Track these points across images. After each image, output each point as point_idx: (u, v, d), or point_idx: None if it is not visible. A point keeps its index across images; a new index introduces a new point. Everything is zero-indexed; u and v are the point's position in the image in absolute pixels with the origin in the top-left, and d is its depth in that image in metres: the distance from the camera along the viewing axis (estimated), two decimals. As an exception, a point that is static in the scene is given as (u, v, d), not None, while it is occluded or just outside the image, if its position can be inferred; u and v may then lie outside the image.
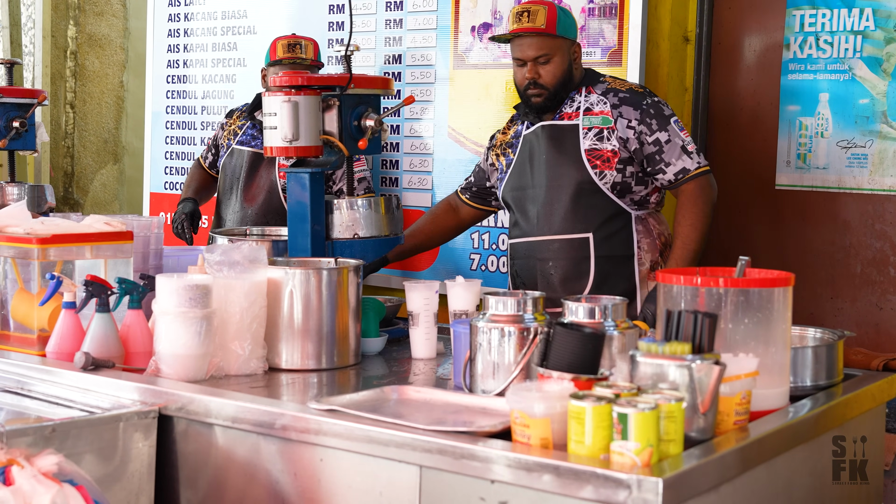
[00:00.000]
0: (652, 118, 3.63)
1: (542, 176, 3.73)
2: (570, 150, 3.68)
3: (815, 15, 4.15)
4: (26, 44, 6.64)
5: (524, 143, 3.81)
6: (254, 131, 4.68)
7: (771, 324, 2.47)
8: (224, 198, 4.73)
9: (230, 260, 2.93)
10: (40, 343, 3.03)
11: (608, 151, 3.64)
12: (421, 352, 3.18)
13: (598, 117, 3.67)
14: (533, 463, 2.12)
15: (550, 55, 3.68)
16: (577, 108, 3.72)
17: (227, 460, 2.61)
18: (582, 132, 3.67)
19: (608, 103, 3.68)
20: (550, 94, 3.71)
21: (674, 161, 3.60)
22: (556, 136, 3.72)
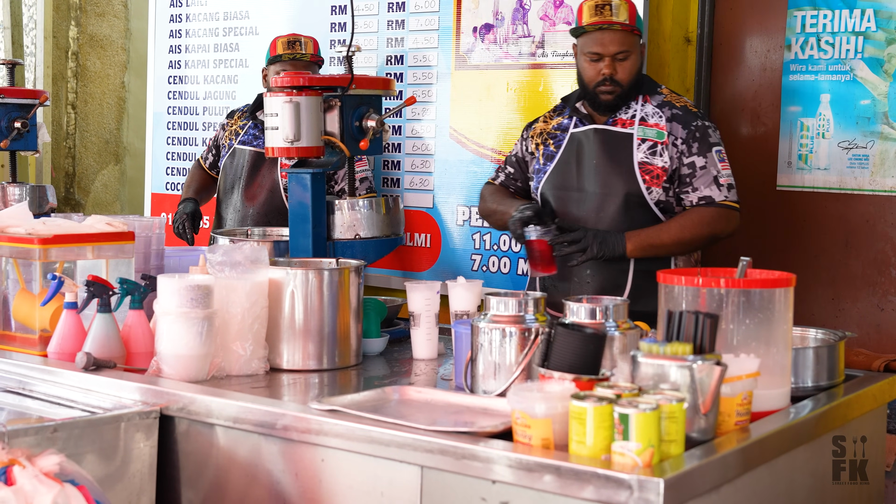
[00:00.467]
0: (695, 141, 3.57)
1: (591, 181, 3.63)
2: (623, 160, 3.60)
3: (816, 16, 4.15)
4: (28, 44, 6.64)
5: (571, 141, 3.70)
6: (255, 131, 4.67)
7: (772, 324, 2.47)
8: (225, 197, 4.73)
9: (232, 260, 2.93)
10: (42, 343, 3.03)
11: (659, 168, 3.57)
12: (422, 352, 3.18)
13: (653, 130, 3.60)
14: (534, 463, 2.12)
15: (630, 52, 3.59)
16: (632, 117, 3.64)
17: (228, 461, 2.61)
18: (636, 143, 3.60)
19: (663, 116, 3.61)
20: (623, 93, 3.61)
21: (701, 188, 3.56)
22: (610, 142, 3.64)
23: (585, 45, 3.63)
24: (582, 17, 3.62)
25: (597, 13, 3.58)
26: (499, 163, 4.58)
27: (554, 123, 3.78)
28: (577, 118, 3.72)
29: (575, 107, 3.73)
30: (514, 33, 4.57)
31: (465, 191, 4.71)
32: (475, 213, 4.68)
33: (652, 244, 3.52)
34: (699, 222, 3.54)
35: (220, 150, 4.83)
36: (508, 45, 4.58)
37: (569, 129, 3.73)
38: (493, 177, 3.97)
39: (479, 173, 4.66)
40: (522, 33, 4.54)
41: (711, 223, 3.56)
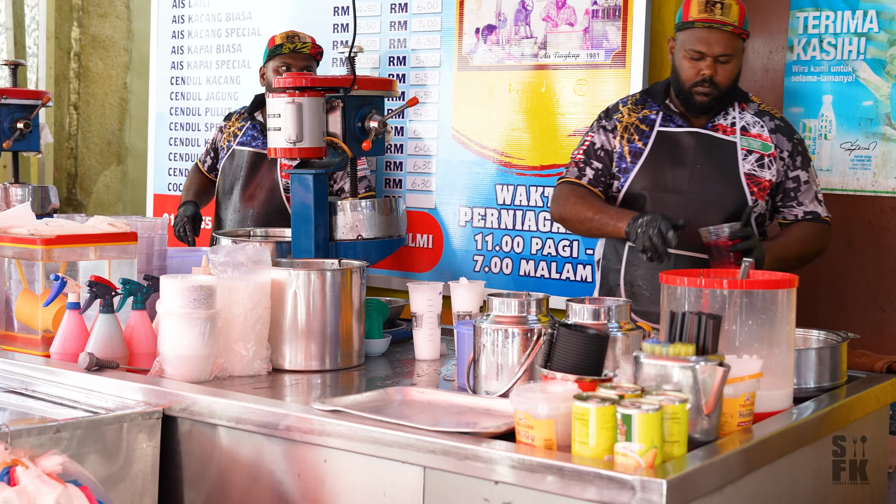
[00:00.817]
0: (799, 154, 3.50)
1: (692, 186, 3.46)
2: (730, 169, 3.46)
3: (818, 17, 4.15)
4: (30, 45, 6.64)
5: (661, 140, 3.51)
6: (254, 132, 4.67)
7: (775, 325, 2.47)
8: (224, 198, 4.72)
9: (234, 261, 2.93)
10: (44, 344, 3.04)
11: (766, 181, 3.46)
12: (424, 353, 3.18)
13: (758, 141, 3.47)
14: (536, 464, 2.12)
15: (734, 55, 3.42)
16: (732, 124, 3.49)
17: (230, 461, 2.61)
18: (740, 153, 3.47)
19: (765, 127, 3.50)
20: (719, 96, 3.44)
21: (807, 203, 3.50)
22: (714, 149, 3.48)
23: (687, 42, 3.43)
24: (689, 11, 3.41)
25: (706, 10, 3.38)
26: (507, 165, 4.58)
27: (639, 116, 3.57)
28: (668, 115, 3.54)
29: (665, 103, 3.56)
30: (516, 34, 4.57)
31: (468, 192, 4.71)
32: (477, 214, 4.68)
33: (780, 258, 3.36)
34: (814, 239, 3.50)
35: (219, 153, 4.83)
36: (511, 47, 4.59)
37: (655, 125, 3.54)
38: (575, 175, 3.62)
39: (482, 174, 4.67)
40: (525, 34, 4.55)
41: (821, 240, 3.53)
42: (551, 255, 4.49)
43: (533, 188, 4.54)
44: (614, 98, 4.28)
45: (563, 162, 4.48)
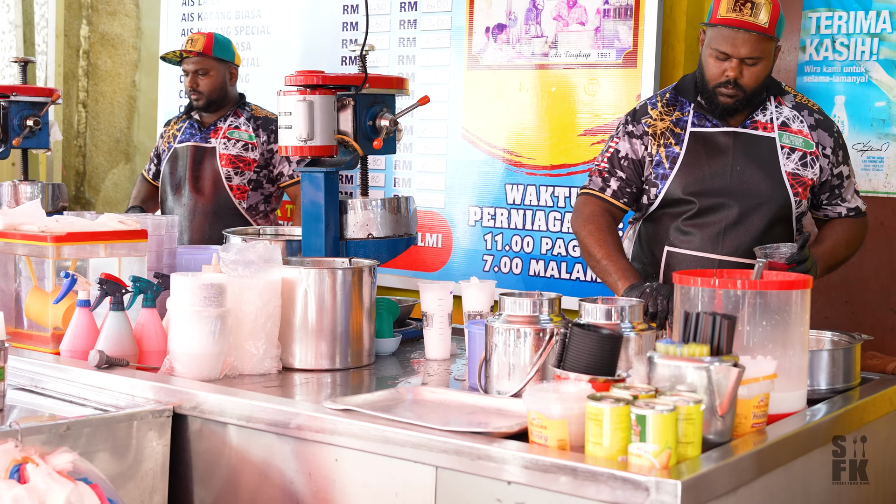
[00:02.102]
0: (840, 149, 3.38)
1: (734, 188, 3.31)
2: (771, 169, 3.32)
3: (831, 17, 4.14)
4: (39, 43, 6.64)
5: (695, 140, 3.35)
6: (192, 129, 4.85)
7: (789, 326, 2.45)
8: (172, 195, 4.86)
9: (245, 259, 2.92)
10: (54, 341, 3.03)
11: (808, 179, 3.33)
12: (435, 352, 3.17)
13: (799, 138, 3.33)
14: (550, 464, 2.11)
15: (762, 57, 3.23)
16: (770, 119, 3.34)
17: (240, 460, 2.60)
18: (781, 150, 3.32)
19: (804, 122, 3.35)
20: (745, 98, 3.28)
21: (849, 198, 3.42)
22: (752, 147, 3.33)
23: (714, 40, 3.26)
24: (718, 8, 3.23)
25: (735, 9, 3.19)
26: (516, 164, 4.57)
27: (672, 118, 3.39)
28: (700, 113, 3.37)
29: (698, 101, 3.38)
30: (526, 33, 4.56)
31: (477, 191, 4.70)
32: (487, 214, 4.67)
33: (829, 265, 3.34)
34: (857, 237, 3.43)
35: (161, 157, 4.98)
36: (521, 46, 4.57)
37: (687, 125, 3.38)
38: (598, 187, 3.43)
39: (491, 173, 4.66)
40: (535, 33, 4.53)
41: (862, 236, 3.45)
42: (561, 255, 4.48)
43: (543, 188, 4.53)
44: (625, 98, 4.28)
45: (573, 161, 4.47)
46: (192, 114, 4.87)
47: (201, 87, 4.74)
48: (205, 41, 4.75)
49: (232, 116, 4.80)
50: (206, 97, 4.74)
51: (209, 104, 4.76)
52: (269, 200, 4.80)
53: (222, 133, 4.76)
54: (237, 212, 4.72)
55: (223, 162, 4.72)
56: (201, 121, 4.84)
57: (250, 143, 4.71)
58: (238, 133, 4.75)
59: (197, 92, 4.74)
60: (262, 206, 4.78)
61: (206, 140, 4.78)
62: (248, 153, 4.73)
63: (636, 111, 3.47)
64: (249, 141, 4.71)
